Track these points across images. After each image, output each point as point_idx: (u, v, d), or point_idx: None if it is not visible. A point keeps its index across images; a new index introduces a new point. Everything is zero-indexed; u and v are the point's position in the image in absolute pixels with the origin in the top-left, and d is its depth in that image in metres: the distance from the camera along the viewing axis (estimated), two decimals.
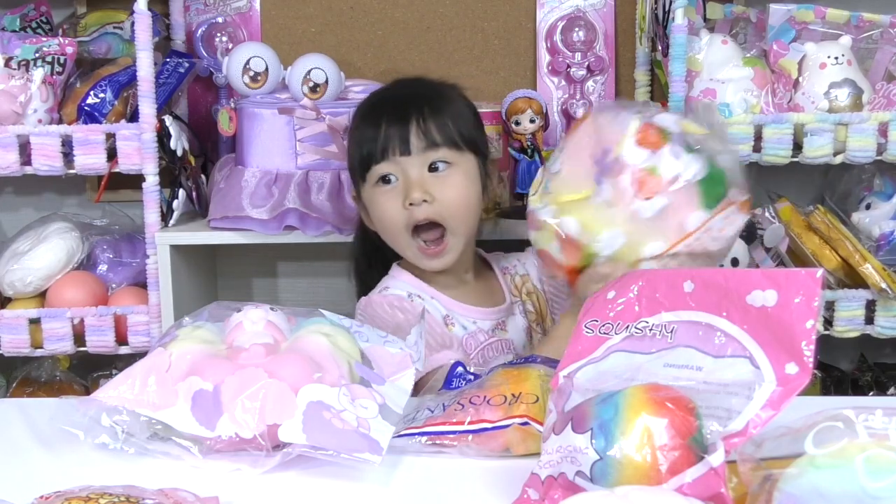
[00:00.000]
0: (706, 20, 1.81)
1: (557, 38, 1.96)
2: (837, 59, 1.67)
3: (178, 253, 1.74)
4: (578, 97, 1.97)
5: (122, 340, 1.78)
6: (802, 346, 0.75)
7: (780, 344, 0.76)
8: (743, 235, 1.68)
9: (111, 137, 1.71)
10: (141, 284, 1.80)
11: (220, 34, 1.99)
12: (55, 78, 1.76)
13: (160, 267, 1.71)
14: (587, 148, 1.14)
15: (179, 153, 1.75)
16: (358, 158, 1.42)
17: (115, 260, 1.86)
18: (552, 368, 0.99)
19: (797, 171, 1.75)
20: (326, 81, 1.71)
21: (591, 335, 0.90)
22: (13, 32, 1.84)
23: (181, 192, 1.77)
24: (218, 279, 2.08)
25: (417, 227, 1.38)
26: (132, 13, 1.72)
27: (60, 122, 1.76)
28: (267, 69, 1.74)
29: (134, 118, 1.73)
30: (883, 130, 1.65)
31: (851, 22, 1.74)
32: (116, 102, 1.76)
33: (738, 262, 1.67)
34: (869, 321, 1.75)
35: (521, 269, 1.53)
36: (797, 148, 1.68)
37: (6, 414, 1.13)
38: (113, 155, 1.72)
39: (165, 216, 1.75)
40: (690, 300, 0.85)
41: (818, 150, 1.66)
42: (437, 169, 1.38)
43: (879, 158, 1.69)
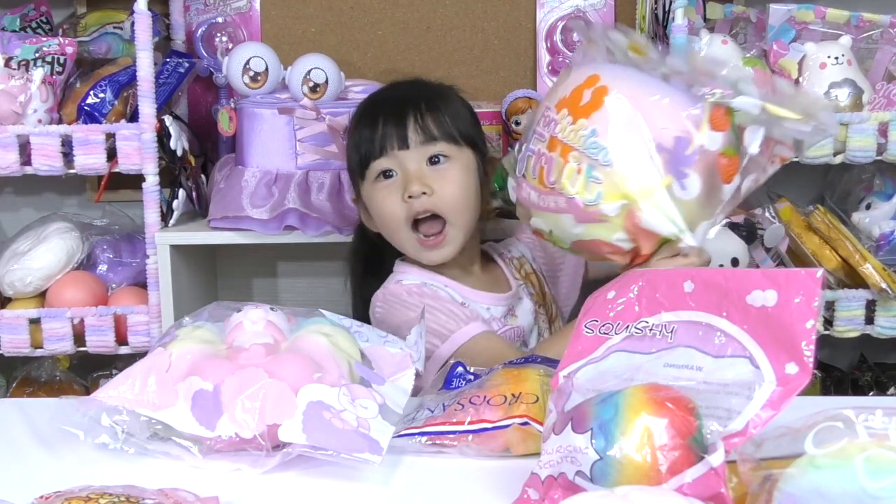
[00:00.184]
0: (706, 20, 1.81)
1: (557, 38, 1.96)
2: (837, 59, 1.67)
3: (178, 253, 1.74)
4: None
5: (122, 340, 1.78)
6: (802, 346, 0.75)
7: (780, 344, 0.76)
8: (743, 235, 1.68)
9: (111, 137, 1.71)
10: (141, 284, 1.80)
11: (220, 34, 1.98)
12: (55, 78, 1.76)
13: (160, 267, 1.71)
14: (640, 134, 1.07)
15: (179, 153, 1.75)
16: (357, 157, 1.42)
17: (115, 260, 1.85)
18: (552, 368, 0.99)
19: (797, 171, 1.75)
20: (326, 81, 1.70)
21: (591, 335, 0.90)
22: (13, 32, 1.84)
23: (181, 192, 1.77)
24: (218, 279, 2.08)
25: (417, 221, 1.38)
26: (132, 13, 1.72)
27: (60, 122, 1.76)
28: (267, 69, 1.74)
29: (134, 118, 1.73)
30: (883, 130, 1.66)
31: (851, 22, 1.74)
32: (116, 102, 1.76)
33: (738, 262, 1.67)
34: (869, 321, 1.75)
35: (515, 252, 1.54)
36: None
37: (6, 414, 1.13)
38: (113, 155, 1.71)
39: (165, 216, 1.75)
40: (690, 300, 0.85)
41: (818, 150, 1.66)
42: (435, 163, 1.38)
43: (879, 158, 1.69)
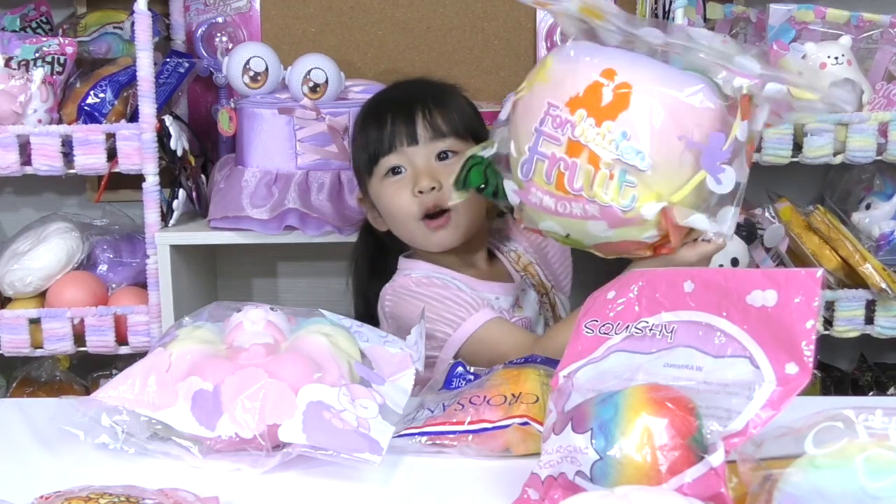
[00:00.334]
0: (706, 20, 1.81)
1: (557, 38, 1.96)
2: (837, 59, 1.67)
3: (178, 253, 1.74)
4: None
5: (122, 340, 1.78)
6: (802, 346, 0.75)
7: (780, 344, 0.76)
8: (743, 235, 1.68)
9: (111, 137, 1.71)
10: (141, 284, 1.80)
11: (220, 34, 1.98)
12: (55, 78, 1.76)
13: (160, 267, 1.71)
14: (673, 133, 1.04)
15: (179, 153, 1.75)
16: (365, 155, 1.42)
17: (115, 260, 1.85)
18: (552, 368, 0.99)
19: (797, 171, 1.75)
20: (326, 81, 1.70)
21: (591, 335, 0.90)
22: (13, 32, 1.84)
23: (181, 192, 1.77)
24: (218, 279, 2.08)
25: (426, 216, 1.38)
26: (132, 13, 1.72)
27: (60, 122, 1.76)
28: (267, 69, 1.74)
29: (134, 118, 1.73)
30: (883, 130, 1.66)
31: (851, 22, 1.74)
32: (116, 102, 1.76)
33: (737, 262, 1.67)
34: (869, 321, 1.75)
35: (512, 245, 1.54)
36: (797, 148, 1.68)
37: (6, 414, 1.13)
38: (113, 155, 1.71)
39: (165, 216, 1.75)
40: (690, 300, 0.85)
41: (818, 150, 1.66)
42: (443, 158, 1.39)
43: (879, 158, 1.69)
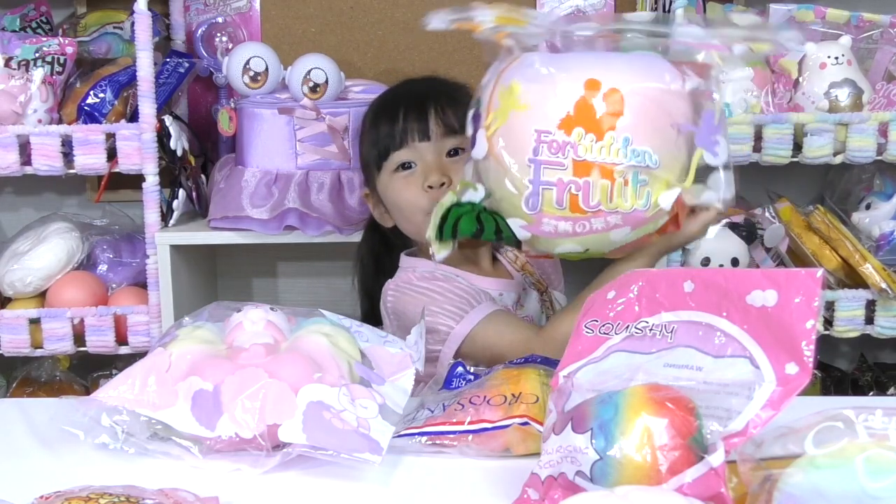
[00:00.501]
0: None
1: (557, 38, 1.95)
2: (837, 59, 1.67)
3: (178, 253, 1.74)
4: None
5: (122, 340, 1.78)
6: (802, 346, 0.75)
7: (780, 344, 0.76)
8: (743, 235, 1.68)
9: (111, 137, 1.71)
10: (141, 284, 1.80)
11: (220, 34, 1.98)
12: (55, 78, 1.76)
13: (160, 267, 1.71)
14: (668, 123, 1.07)
15: (179, 153, 1.75)
16: (375, 150, 1.43)
17: (115, 260, 1.86)
18: (552, 368, 0.99)
19: (797, 171, 1.75)
20: (326, 81, 1.70)
21: (591, 335, 0.90)
22: (13, 32, 1.84)
23: (181, 192, 1.77)
24: (218, 279, 2.08)
25: None
26: (132, 13, 1.72)
27: (60, 122, 1.76)
28: (267, 69, 1.74)
29: (134, 118, 1.73)
30: (883, 130, 1.66)
31: (851, 22, 1.74)
32: (116, 102, 1.76)
33: (738, 262, 1.67)
34: (869, 321, 1.75)
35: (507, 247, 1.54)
36: (797, 148, 1.68)
37: (6, 414, 1.13)
38: (113, 155, 1.72)
39: (165, 216, 1.75)
40: (690, 300, 0.85)
41: (818, 150, 1.66)
42: (453, 155, 1.40)
43: (879, 158, 1.69)
